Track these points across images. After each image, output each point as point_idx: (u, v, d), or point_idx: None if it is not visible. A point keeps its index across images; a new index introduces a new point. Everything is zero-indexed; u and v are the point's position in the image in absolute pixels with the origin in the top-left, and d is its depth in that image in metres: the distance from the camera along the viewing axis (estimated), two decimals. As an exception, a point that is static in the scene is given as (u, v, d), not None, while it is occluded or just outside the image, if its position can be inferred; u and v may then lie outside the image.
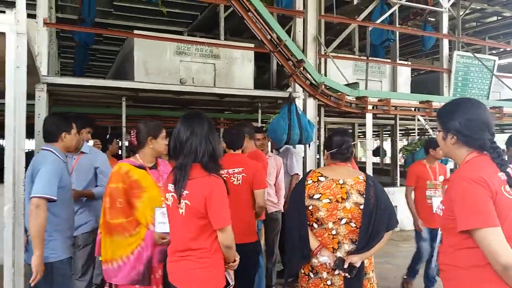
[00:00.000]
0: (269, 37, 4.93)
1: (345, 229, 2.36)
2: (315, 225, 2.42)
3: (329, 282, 2.38)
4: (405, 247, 6.83)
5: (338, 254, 2.36)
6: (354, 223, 2.35)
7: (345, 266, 2.29)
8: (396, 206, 7.93)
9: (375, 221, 2.31)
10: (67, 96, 6.35)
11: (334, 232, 2.38)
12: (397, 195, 8.12)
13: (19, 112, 2.53)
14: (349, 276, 2.30)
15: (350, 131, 12.55)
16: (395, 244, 6.94)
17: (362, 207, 2.33)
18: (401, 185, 8.75)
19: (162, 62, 6.36)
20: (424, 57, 13.80)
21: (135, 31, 6.30)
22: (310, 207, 2.40)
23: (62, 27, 6.51)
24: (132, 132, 2.82)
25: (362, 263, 2.35)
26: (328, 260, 2.34)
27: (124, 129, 6.45)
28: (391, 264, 5.74)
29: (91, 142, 4.20)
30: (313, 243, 2.39)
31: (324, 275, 2.39)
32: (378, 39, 8.19)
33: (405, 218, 8.01)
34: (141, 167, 2.76)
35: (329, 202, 2.37)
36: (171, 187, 2.29)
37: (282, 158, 4.71)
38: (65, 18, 9.11)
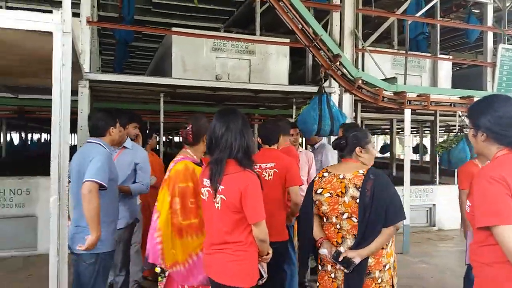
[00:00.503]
0: (301, 28, 4.87)
1: (348, 224, 2.39)
2: (324, 219, 2.50)
3: (332, 275, 2.43)
4: (443, 246, 6.65)
5: (341, 248, 2.38)
6: (356, 218, 2.35)
7: (340, 259, 2.31)
8: (434, 205, 7.85)
9: (370, 215, 2.29)
10: (107, 92, 6.56)
11: (338, 226, 2.43)
12: (436, 193, 7.92)
13: (65, 108, 2.64)
14: (346, 271, 2.31)
15: (389, 127, 12.25)
16: (433, 244, 6.77)
17: (358, 201, 2.34)
18: (440, 183, 8.50)
19: (199, 59, 6.46)
20: (467, 51, 13.24)
21: (173, 29, 6.43)
22: (317, 202, 2.49)
23: (104, 25, 6.73)
24: (188, 127, 2.80)
25: (365, 260, 2.32)
26: (326, 253, 2.40)
27: (161, 124, 6.59)
28: (428, 264, 5.60)
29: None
30: (317, 235, 2.49)
31: (329, 267, 2.45)
32: (412, 33, 7.95)
33: (443, 217, 7.83)
34: (198, 164, 2.77)
35: (330, 196, 2.43)
36: (206, 182, 2.35)
37: (318, 154, 4.68)
38: (106, 16, 9.41)
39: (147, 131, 4.90)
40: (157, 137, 5.48)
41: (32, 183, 5.62)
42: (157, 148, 6.89)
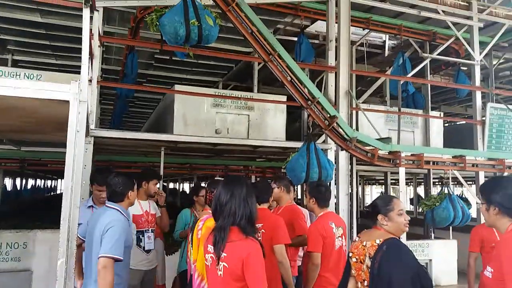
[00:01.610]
0: (299, 90, 5.11)
1: None
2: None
3: None
4: (441, 304, 6.59)
5: None
6: None
7: None
8: (430, 260, 7.79)
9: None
10: (108, 145, 6.69)
11: None
12: (432, 248, 7.91)
13: (77, 173, 2.76)
14: None
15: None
16: (431, 301, 6.69)
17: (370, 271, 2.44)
18: (436, 237, 8.53)
19: (200, 114, 6.68)
20: (457, 105, 13.68)
21: (176, 86, 6.68)
22: (349, 265, 2.63)
23: (112, 85, 6.96)
24: (213, 191, 2.89)
25: None
26: None
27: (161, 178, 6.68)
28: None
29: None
30: None
31: None
32: (395, 91, 8.26)
33: (440, 272, 7.79)
34: None
35: (356, 262, 2.55)
36: (210, 248, 2.42)
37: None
38: (108, 69, 9.73)
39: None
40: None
41: (30, 236, 5.59)
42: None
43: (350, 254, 2.61)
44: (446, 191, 6.44)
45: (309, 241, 3.56)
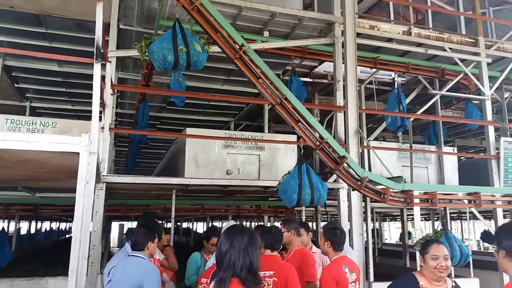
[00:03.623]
0: (307, 132, 5.13)
1: None
2: None
3: None
4: None
5: None
6: None
7: None
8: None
9: None
10: (120, 190, 6.76)
11: None
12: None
13: (86, 224, 2.79)
14: None
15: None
16: None
17: None
18: (456, 275, 8.22)
19: (210, 155, 6.74)
20: (472, 137, 13.54)
21: (187, 129, 6.77)
22: None
23: (124, 131, 7.11)
24: None
25: None
26: None
27: (173, 221, 6.67)
28: None
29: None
30: None
31: None
32: (392, 125, 8.20)
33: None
34: None
35: None
36: (212, 301, 2.37)
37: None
38: (123, 113, 9.97)
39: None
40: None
41: (42, 283, 5.57)
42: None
43: None
44: (441, 228, 6.22)
45: (322, 285, 3.47)
